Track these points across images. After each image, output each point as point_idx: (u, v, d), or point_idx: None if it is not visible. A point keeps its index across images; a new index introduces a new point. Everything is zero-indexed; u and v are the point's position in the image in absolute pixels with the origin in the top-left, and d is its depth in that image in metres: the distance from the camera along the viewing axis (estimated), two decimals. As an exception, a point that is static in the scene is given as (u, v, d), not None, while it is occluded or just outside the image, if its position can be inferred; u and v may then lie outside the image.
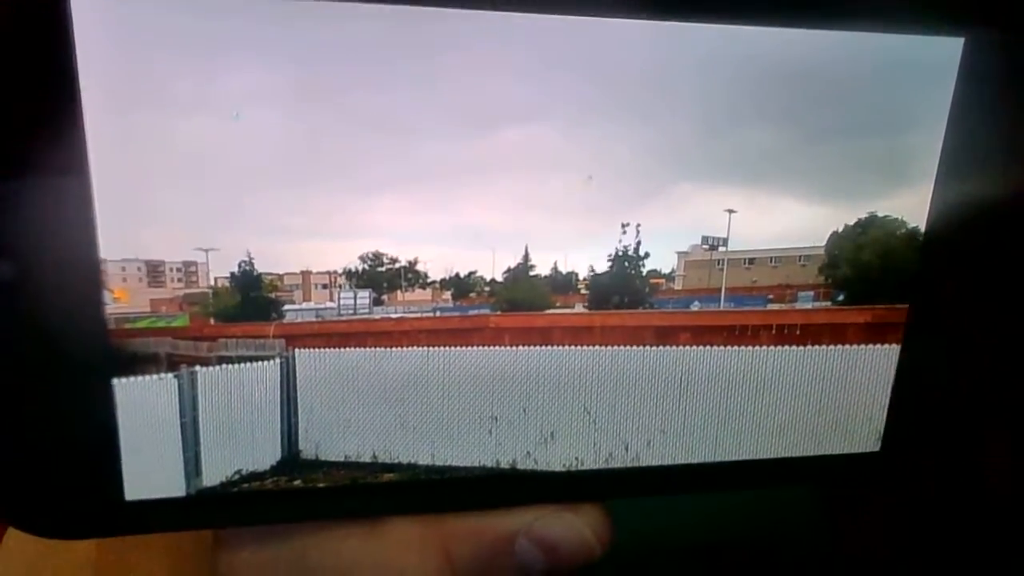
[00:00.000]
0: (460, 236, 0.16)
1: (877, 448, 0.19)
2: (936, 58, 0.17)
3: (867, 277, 0.18)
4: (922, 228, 0.18)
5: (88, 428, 0.15)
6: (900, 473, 0.19)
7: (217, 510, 0.16)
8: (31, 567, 0.20)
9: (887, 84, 0.17)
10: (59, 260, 0.14)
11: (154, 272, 0.15)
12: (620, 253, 0.17)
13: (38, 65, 0.13)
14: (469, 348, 0.17)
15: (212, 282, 0.15)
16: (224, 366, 0.16)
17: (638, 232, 0.17)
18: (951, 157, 0.17)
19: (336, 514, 0.17)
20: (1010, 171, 0.18)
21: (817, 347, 0.19)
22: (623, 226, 0.17)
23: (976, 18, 0.16)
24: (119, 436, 0.15)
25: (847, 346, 0.19)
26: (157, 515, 0.16)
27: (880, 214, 0.18)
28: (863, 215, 0.18)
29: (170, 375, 0.15)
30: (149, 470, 0.16)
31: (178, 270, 0.15)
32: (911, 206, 0.18)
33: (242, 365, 0.16)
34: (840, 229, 0.18)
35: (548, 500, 0.18)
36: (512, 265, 0.17)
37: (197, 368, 0.16)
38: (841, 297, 0.19)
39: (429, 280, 0.17)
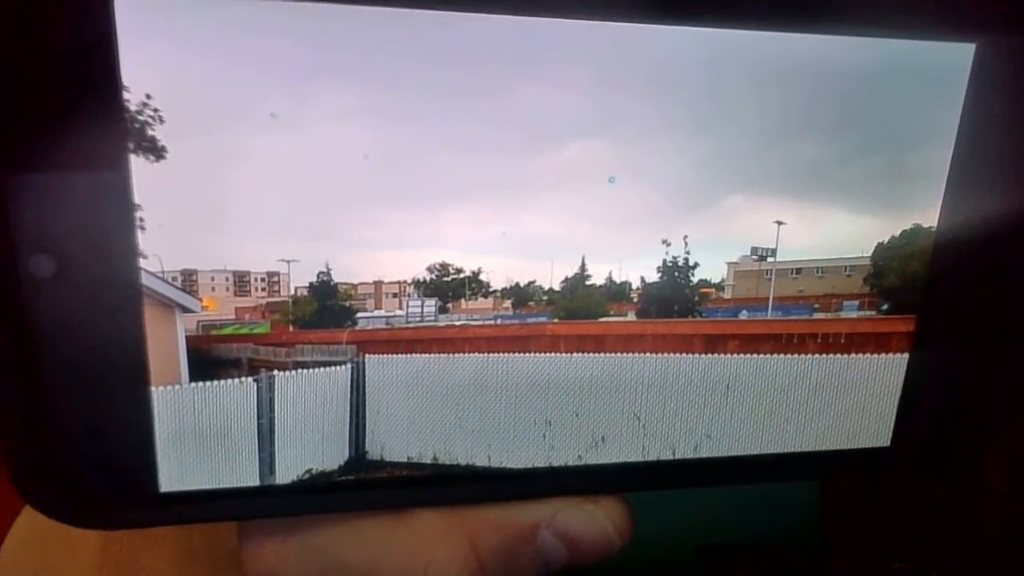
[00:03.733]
0: (521, 247, 0.17)
1: (887, 443, 0.20)
2: (947, 65, 0.17)
3: (911, 287, 0.19)
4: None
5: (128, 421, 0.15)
6: (907, 465, 0.20)
7: (245, 502, 0.17)
8: (34, 570, 0.20)
9: (926, 95, 0.18)
10: (103, 260, 0.14)
11: (241, 282, 0.16)
12: (670, 264, 0.18)
13: (88, 74, 0.14)
14: (527, 354, 0.18)
15: (293, 291, 0.16)
16: (300, 371, 0.17)
17: (686, 244, 0.18)
18: (961, 165, 0.18)
19: (363, 506, 0.18)
20: (1020, 180, 0.18)
21: (837, 355, 0.19)
22: (663, 241, 0.18)
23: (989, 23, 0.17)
24: (155, 431, 0.15)
25: (865, 353, 0.19)
26: (190, 506, 0.16)
27: (924, 225, 0.18)
28: (907, 226, 0.18)
29: (250, 379, 0.16)
30: (217, 466, 0.16)
31: (262, 280, 0.16)
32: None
33: (316, 370, 0.17)
34: (885, 240, 0.19)
35: (570, 492, 0.18)
36: (569, 275, 0.18)
37: (275, 372, 0.17)
38: (886, 306, 0.19)
39: (491, 289, 0.18)
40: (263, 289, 0.16)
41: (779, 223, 0.18)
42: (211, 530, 0.21)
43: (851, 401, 0.19)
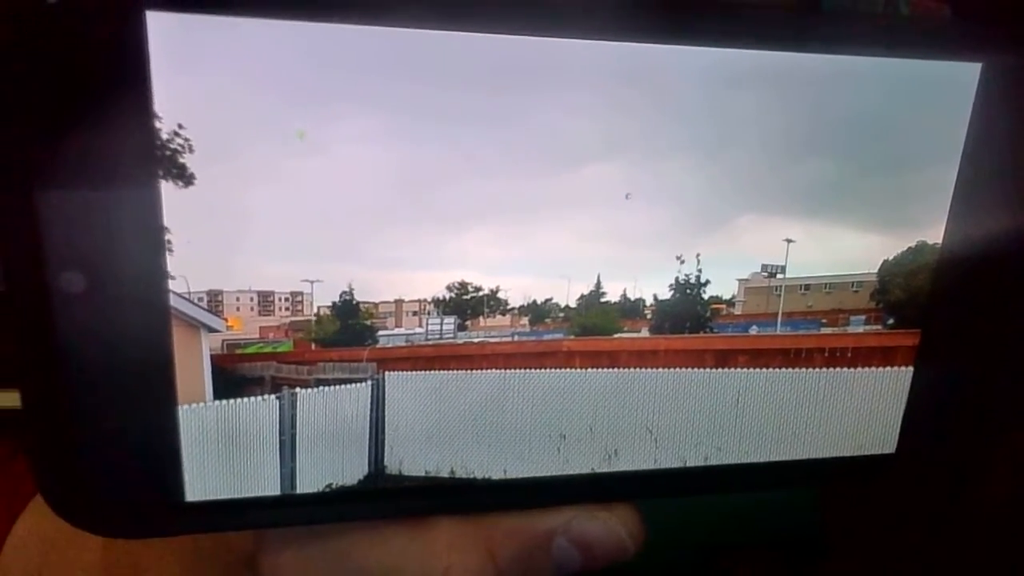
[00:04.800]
0: (538, 266, 0.17)
1: (893, 450, 0.20)
2: (953, 85, 0.18)
3: (916, 302, 0.19)
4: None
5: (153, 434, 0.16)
6: (911, 471, 0.21)
7: (265, 511, 0.17)
8: (36, 570, 0.20)
9: (932, 114, 0.18)
10: (132, 281, 0.15)
11: (265, 302, 0.16)
12: (682, 281, 0.18)
13: (121, 99, 0.14)
14: (543, 370, 0.18)
15: (316, 311, 0.17)
16: (321, 388, 0.17)
17: (699, 261, 0.18)
18: (966, 183, 0.18)
19: (381, 514, 0.18)
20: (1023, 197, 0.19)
21: (845, 368, 0.20)
22: (677, 258, 0.18)
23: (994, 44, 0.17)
24: (181, 446, 0.16)
25: (871, 366, 0.20)
26: (214, 515, 0.17)
27: (930, 242, 0.19)
28: (913, 243, 0.19)
29: (272, 396, 0.17)
30: (240, 480, 0.17)
31: (286, 300, 0.16)
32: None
33: (337, 387, 0.17)
34: (891, 257, 0.19)
35: (584, 500, 0.19)
36: (585, 293, 0.18)
37: (297, 389, 0.17)
38: (891, 321, 0.20)
39: (509, 307, 0.18)
40: (287, 309, 0.17)
41: (788, 241, 0.18)
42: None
43: (857, 411, 0.20)
